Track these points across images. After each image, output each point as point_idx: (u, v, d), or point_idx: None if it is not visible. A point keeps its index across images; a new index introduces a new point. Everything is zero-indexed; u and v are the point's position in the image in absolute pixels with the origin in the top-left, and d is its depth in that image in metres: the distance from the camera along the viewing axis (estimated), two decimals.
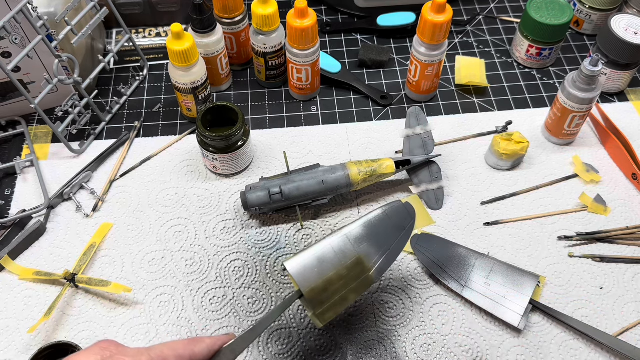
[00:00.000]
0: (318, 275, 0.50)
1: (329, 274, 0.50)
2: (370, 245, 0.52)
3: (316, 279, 0.50)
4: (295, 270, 0.50)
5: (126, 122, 0.75)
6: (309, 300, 0.49)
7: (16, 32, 0.64)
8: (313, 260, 0.50)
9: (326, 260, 0.51)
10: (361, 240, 0.52)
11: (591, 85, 0.65)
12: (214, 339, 0.46)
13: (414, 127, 0.68)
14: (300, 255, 0.51)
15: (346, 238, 0.52)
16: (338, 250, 0.51)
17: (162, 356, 0.42)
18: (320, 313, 0.50)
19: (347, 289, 0.51)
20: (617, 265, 0.62)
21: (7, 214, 0.66)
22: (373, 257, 0.52)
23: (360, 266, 0.51)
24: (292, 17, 0.67)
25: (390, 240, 0.53)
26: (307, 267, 0.50)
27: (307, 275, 0.50)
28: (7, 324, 0.58)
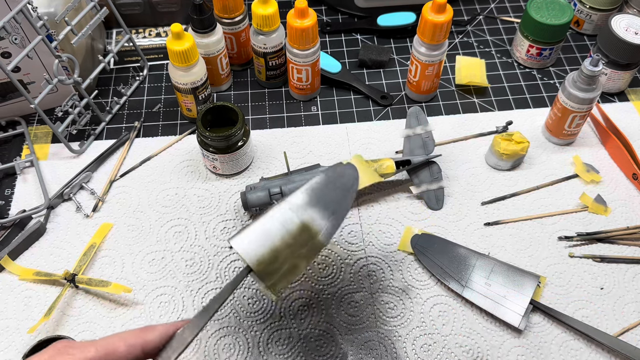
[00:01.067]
0: (264, 247, 0.49)
1: (275, 245, 0.49)
2: (315, 210, 0.51)
3: (262, 251, 0.49)
4: (240, 246, 0.49)
5: (126, 122, 0.75)
6: (258, 273, 0.49)
7: (16, 32, 0.64)
8: (258, 234, 0.50)
9: (271, 232, 0.50)
10: (305, 207, 0.51)
11: (591, 85, 0.65)
12: (167, 326, 0.45)
13: (414, 127, 0.68)
14: (244, 231, 0.50)
15: (288, 206, 0.51)
16: (282, 220, 0.50)
17: (112, 346, 0.42)
18: (272, 285, 0.49)
19: (296, 256, 0.50)
20: (618, 266, 0.62)
21: (7, 214, 0.66)
22: (319, 221, 0.51)
23: (306, 232, 0.50)
24: (292, 17, 0.67)
25: (335, 202, 0.52)
26: (251, 241, 0.50)
27: (253, 249, 0.49)
28: (7, 324, 0.58)
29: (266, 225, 0.50)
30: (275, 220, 0.51)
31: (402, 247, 0.63)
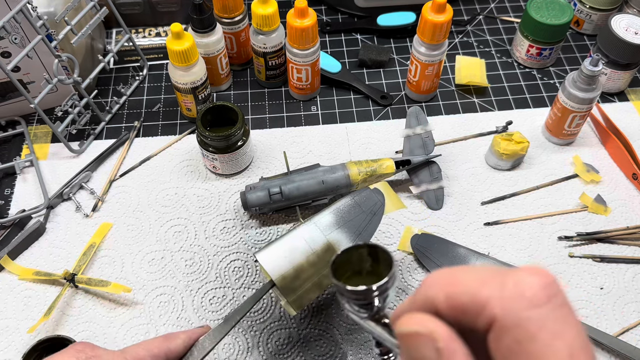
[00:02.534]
0: (289, 263, 0.51)
1: (299, 262, 0.51)
2: (341, 232, 0.53)
3: (287, 267, 0.51)
4: (265, 260, 0.51)
5: (126, 122, 0.75)
6: (281, 288, 0.50)
7: (16, 32, 0.64)
8: (283, 250, 0.52)
9: (296, 249, 0.52)
10: (331, 228, 0.53)
11: (591, 85, 0.65)
12: (189, 333, 0.46)
13: (414, 127, 0.68)
14: (270, 246, 0.52)
15: (315, 226, 0.53)
16: (308, 239, 0.52)
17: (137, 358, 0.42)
18: (293, 301, 0.51)
19: (319, 276, 0.51)
20: (618, 266, 0.62)
21: (6, 214, 0.66)
22: (343, 242, 0.52)
23: (330, 252, 0.52)
24: (292, 17, 0.67)
25: (361, 225, 0.54)
26: (277, 256, 0.51)
27: (277, 265, 0.51)
28: (6, 324, 0.58)
29: (292, 242, 0.52)
30: (302, 239, 0.52)
31: (402, 247, 0.63)
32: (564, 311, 0.22)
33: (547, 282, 0.23)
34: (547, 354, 0.21)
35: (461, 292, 0.24)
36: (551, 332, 0.22)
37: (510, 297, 0.22)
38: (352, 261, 0.34)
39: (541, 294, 0.22)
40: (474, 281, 0.24)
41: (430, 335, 0.23)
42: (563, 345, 0.21)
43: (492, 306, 0.23)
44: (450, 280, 0.24)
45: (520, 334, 0.22)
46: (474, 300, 0.23)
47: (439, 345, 0.23)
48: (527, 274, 0.23)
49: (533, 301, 0.22)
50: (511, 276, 0.23)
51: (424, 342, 0.23)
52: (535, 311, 0.22)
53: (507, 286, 0.23)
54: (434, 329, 0.23)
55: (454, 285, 0.24)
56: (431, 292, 0.25)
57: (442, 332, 0.23)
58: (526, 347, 0.22)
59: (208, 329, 0.47)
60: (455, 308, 0.24)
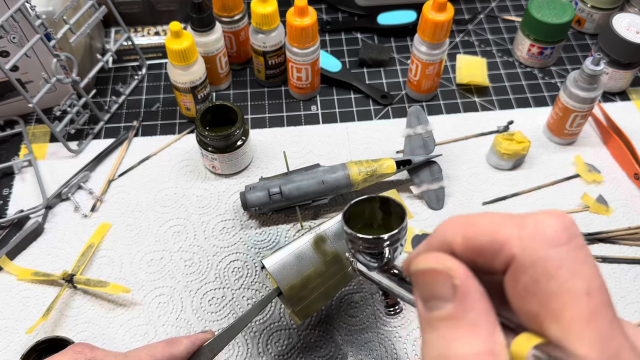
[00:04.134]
0: (297, 272, 0.50)
1: (307, 271, 0.50)
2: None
3: (295, 276, 0.50)
4: (273, 268, 0.50)
5: (125, 122, 0.75)
6: (287, 297, 0.49)
7: (14, 31, 0.63)
8: (291, 258, 0.51)
9: (304, 257, 0.51)
10: (339, 237, 0.52)
11: (593, 85, 0.65)
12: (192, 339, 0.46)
13: (415, 126, 0.67)
14: (278, 253, 0.51)
15: (324, 235, 0.52)
16: (316, 248, 0.51)
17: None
18: (299, 310, 0.50)
19: (326, 286, 0.51)
20: (619, 266, 0.62)
21: (5, 214, 0.66)
22: None
23: (338, 262, 0.51)
24: (292, 16, 0.67)
25: None
26: (285, 264, 0.50)
27: (285, 273, 0.50)
28: (5, 324, 0.58)
29: (300, 250, 0.51)
30: (310, 247, 0.51)
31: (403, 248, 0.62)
32: (583, 252, 0.22)
33: (567, 224, 0.22)
34: (564, 291, 0.21)
35: (479, 233, 0.24)
36: (569, 271, 0.21)
37: (530, 236, 0.22)
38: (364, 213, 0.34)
39: (561, 234, 0.22)
40: (493, 222, 0.23)
41: (447, 271, 0.23)
42: (581, 283, 0.21)
43: (511, 245, 0.22)
44: (468, 221, 0.24)
45: (538, 272, 0.22)
46: (493, 240, 0.23)
47: (455, 282, 0.23)
48: (547, 216, 0.23)
49: (553, 240, 0.22)
50: (531, 217, 0.23)
51: (441, 278, 0.23)
52: (554, 250, 0.22)
53: (526, 226, 0.23)
54: (451, 266, 0.23)
55: (471, 226, 0.24)
56: (448, 234, 0.25)
57: (459, 269, 0.23)
58: (544, 285, 0.22)
59: (212, 335, 0.47)
60: (472, 249, 0.24)
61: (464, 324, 0.22)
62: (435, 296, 0.23)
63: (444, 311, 0.23)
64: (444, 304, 0.23)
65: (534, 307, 0.22)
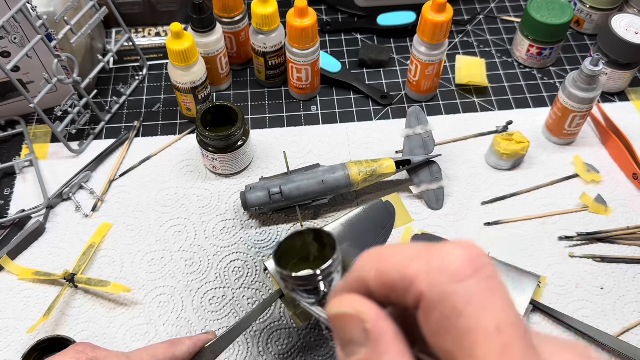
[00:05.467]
0: None
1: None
2: (351, 244, 0.52)
3: None
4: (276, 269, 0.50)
5: (126, 122, 0.75)
6: (289, 299, 0.49)
7: (15, 31, 0.64)
8: None
9: None
10: (341, 239, 0.52)
11: (592, 85, 0.65)
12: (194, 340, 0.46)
13: (414, 126, 0.67)
14: None
15: None
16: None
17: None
18: (301, 312, 0.50)
19: None
20: (618, 266, 0.62)
21: (6, 214, 0.66)
22: (353, 256, 0.52)
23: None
24: (292, 17, 0.67)
25: (370, 238, 0.53)
26: None
27: None
28: (6, 324, 0.58)
29: None
30: None
31: None
32: (491, 284, 0.21)
33: (473, 255, 0.22)
34: (474, 328, 0.21)
35: (390, 269, 0.23)
36: (478, 306, 0.21)
37: (436, 271, 0.22)
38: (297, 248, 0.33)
39: (466, 267, 0.21)
40: (403, 257, 0.23)
41: (358, 315, 0.23)
42: (490, 319, 0.21)
43: (419, 281, 0.22)
44: (380, 257, 0.24)
45: (447, 309, 0.21)
46: (402, 276, 0.22)
47: (366, 326, 0.22)
48: (453, 248, 0.22)
49: (458, 275, 0.21)
50: (437, 250, 0.22)
51: (353, 322, 0.23)
52: (460, 285, 0.21)
53: (432, 260, 0.22)
54: (361, 310, 0.23)
55: (383, 261, 0.23)
56: (362, 270, 0.24)
57: (370, 312, 0.23)
58: (454, 322, 0.21)
59: (214, 336, 0.47)
60: (385, 285, 0.23)
61: None
62: (350, 341, 0.23)
63: (359, 356, 0.22)
64: (358, 348, 0.22)
65: (447, 344, 0.21)
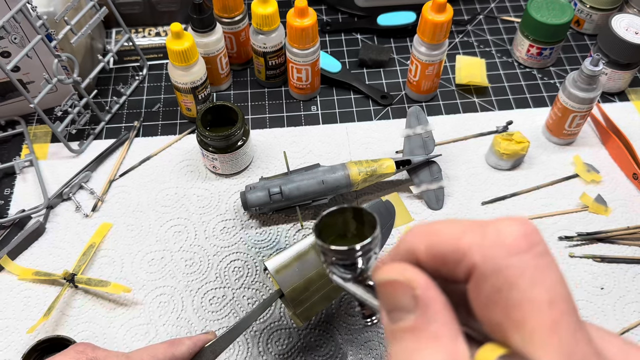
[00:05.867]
0: (299, 274, 0.50)
1: (309, 274, 0.50)
2: None
3: (297, 278, 0.50)
4: (276, 269, 0.50)
5: (126, 122, 0.75)
6: (289, 299, 0.49)
7: (15, 31, 0.64)
8: (294, 260, 0.51)
9: (307, 260, 0.51)
10: None
11: (592, 85, 0.65)
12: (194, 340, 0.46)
13: (414, 126, 0.67)
14: (280, 255, 0.51)
15: None
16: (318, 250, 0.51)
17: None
18: (301, 312, 0.50)
19: (328, 288, 0.51)
20: (618, 266, 0.62)
21: (6, 214, 0.66)
22: None
23: None
24: (292, 17, 0.67)
25: None
26: (287, 266, 0.51)
27: (287, 275, 0.50)
28: (6, 324, 0.58)
29: (303, 252, 0.51)
30: (312, 249, 0.51)
31: None
32: (545, 260, 0.22)
33: (528, 231, 0.22)
34: (526, 301, 0.21)
35: (442, 241, 0.23)
36: (531, 280, 0.21)
37: (491, 245, 0.22)
38: (337, 224, 0.33)
39: (522, 242, 0.22)
40: (455, 231, 0.23)
41: (408, 283, 0.23)
42: (543, 292, 0.21)
43: (472, 254, 0.22)
44: (432, 230, 0.24)
45: (499, 282, 0.21)
46: (455, 249, 0.22)
47: (416, 293, 0.22)
48: (509, 223, 0.22)
49: (513, 248, 0.21)
50: (492, 224, 0.22)
51: (402, 289, 0.23)
52: (515, 258, 0.21)
53: (487, 234, 0.22)
54: (412, 277, 0.23)
55: (435, 234, 0.23)
56: (412, 242, 0.24)
57: (420, 280, 0.23)
58: (505, 294, 0.21)
59: (213, 336, 0.47)
60: (436, 257, 0.23)
61: (425, 335, 0.22)
62: (397, 307, 0.23)
63: (406, 322, 0.22)
64: (406, 315, 0.23)
65: (497, 316, 0.21)
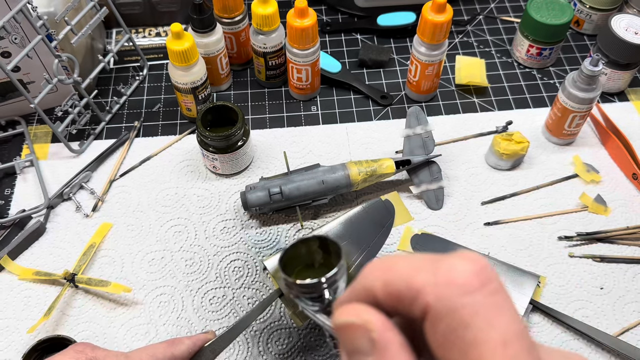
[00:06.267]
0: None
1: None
2: (350, 243, 0.52)
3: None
4: (275, 269, 0.50)
5: (126, 122, 0.75)
6: (289, 298, 0.49)
7: (16, 31, 0.64)
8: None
9: None
10: (341, 238, 0.52)
11: (591, 85, 0.65)
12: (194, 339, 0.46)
13: (414, 127, 0.68)
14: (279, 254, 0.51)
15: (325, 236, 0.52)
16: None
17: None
18: (301, 311, 0.50)
19: None
20: (618, 265, 0.62)
21: (6, 214, 0.66)
22: (353, 254, 0.52)
23: None
24: (292, 17, 0.67)
25: (370, 237, 0.53)
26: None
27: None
28: (6, 324, 0.58)
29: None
30: None
31: (402, 247, 0.63)
32: (498, 298, 0.22)
33: (479, 268, 0.22)
34: (480, 341, 0.21)
35: (397, 279, 0.23)
36: (484, 320, 0.21)
37: (443, 284, 0.22)
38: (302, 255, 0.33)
39: (474, 280, 0.22)
40: (409, 268, 0.23)
41: (365, 325, 0.23)
42: (497, 332, 0.21)
43: (426, 293, 0.22)
44: (387, 267, 0.24)
45: (453, 322, 0.21)
46: (409, 287, 0.22)
47: (372, 336, 0.22)
48: (459, 260, 0.22)
49: (465, 287, 0.21)
50: (444, 262, 0.22)
51: (359, 332, 0.23)
52: (468, 298, 0.21)
53: (439, 272, 0.22)
54: (368, 319, 0.23)
55: (390, 271, 0.23)
56: (369, 280, 0.24)
57: (377, 321, 0.22)
58: (461, 334, 0.21)
59: (213, 335, 0.47)
60: (391, 295, 0.23)
61: None
62: (356, 350, 0.23)
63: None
64: (364, 358, 0.22)
65: (454, 356, 0.21)
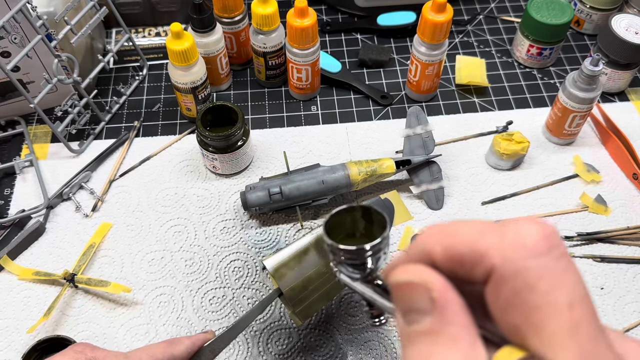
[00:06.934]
0: (298, 273, 0.50)
1: (308, 272, 0.50)
2: None
3: (295, 277, 0.50)
4: (274, 268, 0.50)
5: (126, 122, 0.75)
6: (288, 298, 0.50)
7: (15, 31, 0.64)
8: (292, 259, 0.51)
9: (306, 258, 0.51)
10: None
11: (592, 85, 0.65)
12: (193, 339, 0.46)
13: (414, 126, 0.67)
14: (279, 254, 0.51)
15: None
16: (318, 248, 0.51)
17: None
18: (300, 311, 0.50)
19: (327, 286, 0.51)
20: (618, 266, 0.62)
21: (6, 214, 0.66)
22: None
23: None
24: (292, 17, 0.67)
25: None
26: (286, 265, 0.51)
27: (286, 274, 0.50)
28: (6, 324, 0.58)
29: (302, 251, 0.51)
30: (311, 248, 0.51)
31: (402, 247, 0.63)
32: (564, 262, 0.21)
33: (548, 232, 0.22)
34: (545, 304, 0.20)
35: (459, 243, 0.23)
36: (551, 283, 0.21)
37: (510, 246, 0.21)
38: (346, 223, 0.33)
39: (542, 244, 0.21)
40: (473, 231, 0.23)
41: (425, 284, 0.22)
42: (562, 295, 0.20)
43: (491, 255, 0.21)
44: (448, 231, 0.23)
45: (519, 284, 0.21)
46: (473, 250, 0.22)
47: (433, 295, 0.22)
48: (528, 224, 0.22)
49: (533, 250, 0.21)
50: (511, 226, 0.22)
51: (418, 291, 0.22)
52: (534, 261, 0.21)
53: (506, 235, 0.22)
54: (429, 279, 0.22)
55: (451, 235, 0.23)
56: (428, 244, 0.24)
57: (437, 281, 0.22)
58: (524, 297, 0.21)
59: (212, 335, 0.47)
60: (452, 259, 0.23)
61: (443, 338, 0.21)
62: (413, 309, 0.23)
63: (423, 325, 0.22)
64: (422, 317, 0.22)
65: (515, 319, 0.21)
